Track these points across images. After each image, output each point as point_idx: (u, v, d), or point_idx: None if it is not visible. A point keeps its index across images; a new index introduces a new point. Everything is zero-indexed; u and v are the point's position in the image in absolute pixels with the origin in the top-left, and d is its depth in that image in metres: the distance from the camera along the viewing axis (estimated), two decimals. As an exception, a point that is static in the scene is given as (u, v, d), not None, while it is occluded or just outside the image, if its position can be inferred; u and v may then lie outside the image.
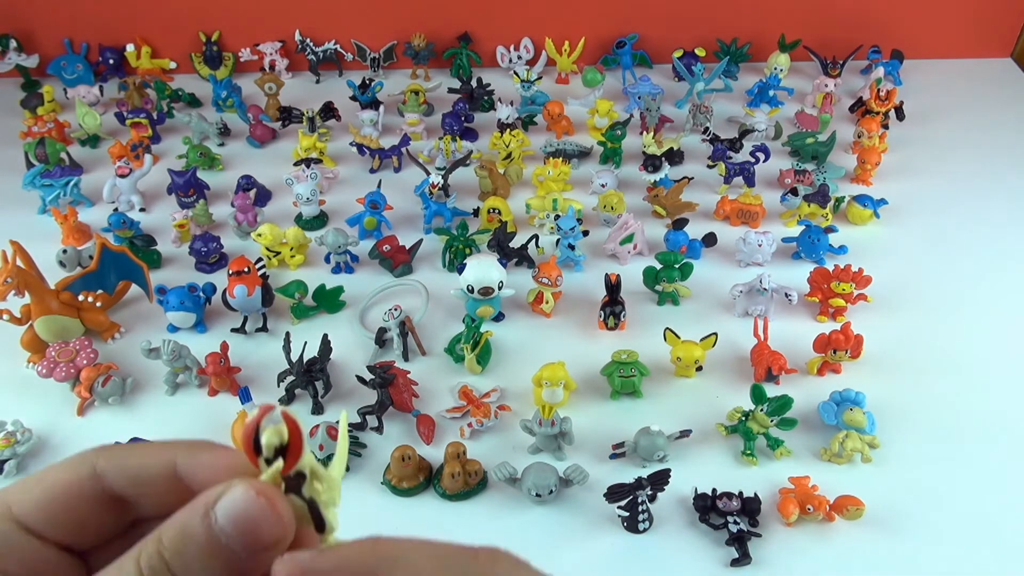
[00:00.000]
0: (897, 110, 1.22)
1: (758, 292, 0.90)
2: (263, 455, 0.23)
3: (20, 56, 1.31)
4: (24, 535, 0.23)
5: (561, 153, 1.15)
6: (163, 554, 0.22)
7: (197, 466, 0.24)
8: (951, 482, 0.76)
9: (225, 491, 0.22)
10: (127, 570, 0.21)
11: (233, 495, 0.22)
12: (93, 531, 0.24)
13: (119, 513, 0.25)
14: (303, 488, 0.24)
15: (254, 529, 0.22)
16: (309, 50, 1.33)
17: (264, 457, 0.23)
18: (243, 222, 1.03)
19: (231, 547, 0.22)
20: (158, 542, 0.22)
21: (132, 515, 0.26)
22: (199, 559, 0.22)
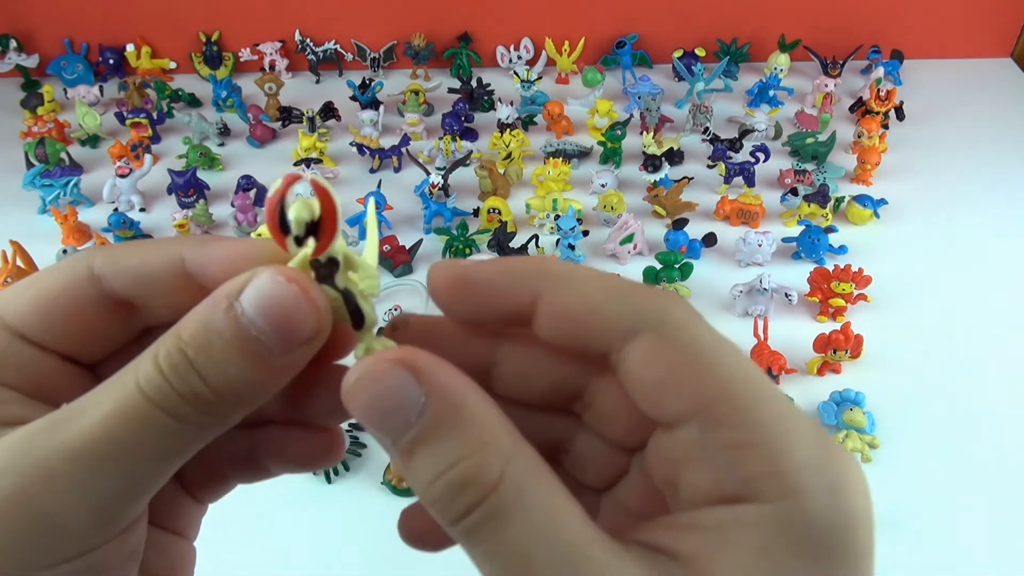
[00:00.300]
0: (897, 110, 1.22)
1: (758, 292, 0.90)
2: (291, 233, 0.20)
3: (20, 56, 1.31)
4: (20, 342, 0.21)
5: (561, 153, 1.15)
6: (185, 351, 0.19)
7: (209, 259, 0.21)
8: (951, 482, 0.76)
9: (250, 279, 0.19)
10: (145, 370, 0.19)
11: (259, 282, 0.19)
12: (98, 339, 0.22)
13: (125, 318, 0.22)
14: (336, 277, 0.21)
15: (287, 319, 0.19)
16: (309, 50, 1.33)
17: (293, 235, 0.20)
18: (243, 222, 1.03)
19: (262, 340, 0.19)
20: (177, 338, 0.19)
21: (141, 322, 0.23)
22: (227, 355, 0.19)
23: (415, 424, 0.19)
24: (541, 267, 0.21)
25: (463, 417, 0.19)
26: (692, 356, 0.19)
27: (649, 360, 0.19)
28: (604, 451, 0.23)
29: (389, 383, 0.19)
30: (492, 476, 0.18)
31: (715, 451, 0.19)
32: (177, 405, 0.19)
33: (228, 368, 0.19)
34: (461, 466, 0.18)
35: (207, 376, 0.19)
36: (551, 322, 0.21)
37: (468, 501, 0.18)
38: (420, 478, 0.19)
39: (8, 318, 0.21)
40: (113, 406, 0.19)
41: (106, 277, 0.22)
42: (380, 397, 0.19)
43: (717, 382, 0.19)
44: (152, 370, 0.19)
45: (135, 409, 0.19)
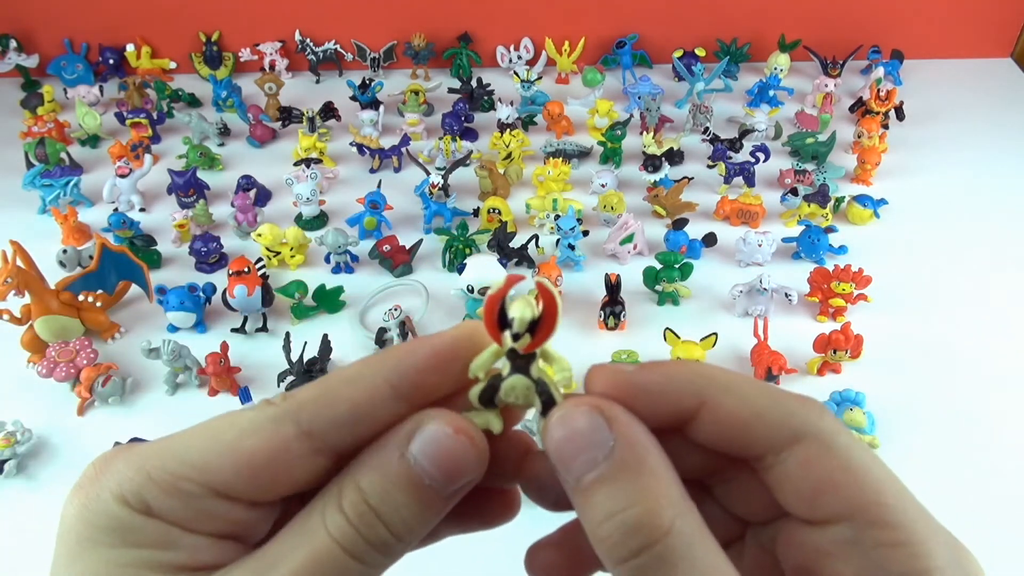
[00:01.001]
0: (897, 110, 1.22)
1: (758, 292, 0.90)
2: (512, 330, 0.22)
3: (20, 56, 1.31)
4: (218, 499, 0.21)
5: (561, 153, 1.15)
6: (368, 501, 0.21)
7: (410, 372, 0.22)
8: (951, 482, 0.76)
9: (417, 428, 0.22)
10: (334, 520, 0.21)
11: (428, 433, 0.21)
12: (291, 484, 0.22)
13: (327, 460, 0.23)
14: (531, 368, 0.22)
15: (455, 466, 0.21)
16: (309, 50, 1.33)
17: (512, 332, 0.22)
18: (243, 222, 1.03)
19: (433, 486, 0.21)
20: (358, 490, 0.21)
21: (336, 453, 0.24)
22: (404, 501, 0.21)
23: (601, 464, 0.20)
24: (706, 374, 0.23)
25: (645, 466, 0.21)
26: (848, 463, 0.22)
27: (811, 465, 0.22)
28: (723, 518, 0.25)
29: (585, 424, 0.21)
30: (664, 524, 0.20)
31: (868, 549, 0.21)
32: (365, 552, 0.21)
33: (406, 513, 0.21)
34: (637, 509, 0.20)
35: (390, 523, 0.21)
36: (714, 427, 0.23)
37: (640, 543, 0.20)
38: (595, 515, 0.20)
39: (213, 480, 0.21)
40: (310, 554, 0.20)
41: (317, 434, 0.22)
42: (575, 434, 0.21)
43: (872, 488, 0.21)
44: (342, 520, 0.21)
45: (330, 557, 0.21)
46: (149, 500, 0.21)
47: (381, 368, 0.23)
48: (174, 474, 0.21)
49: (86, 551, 0.21)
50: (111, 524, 0.21)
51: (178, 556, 0.21)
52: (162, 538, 0.21)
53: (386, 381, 0.22)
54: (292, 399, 0.22)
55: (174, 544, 0.21)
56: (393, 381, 0.22)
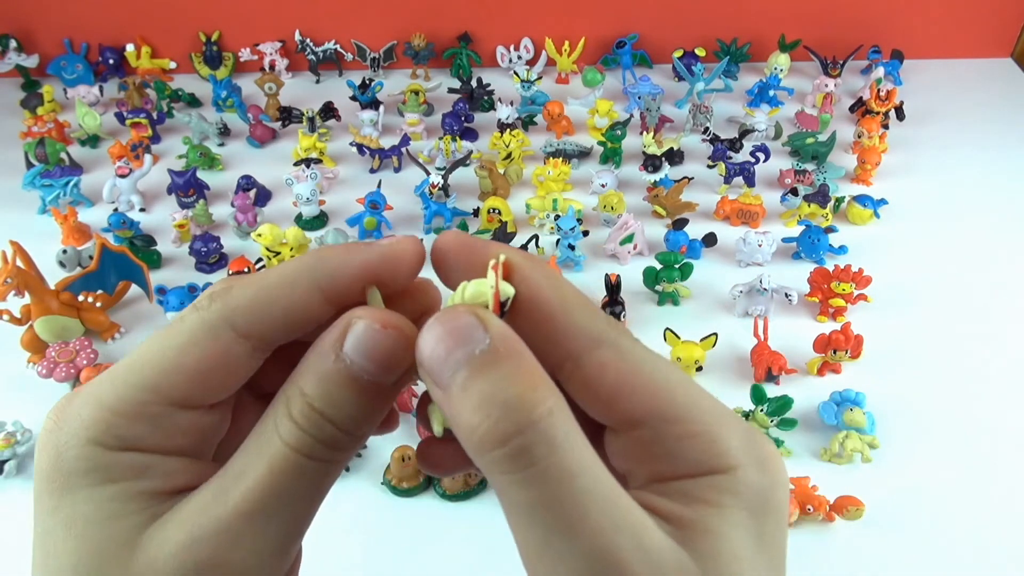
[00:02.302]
0: (897, 110, 1.22)
1: (758, 292, 0.90)
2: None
3: (20, 56, 1.31)
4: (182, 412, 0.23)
5: (561, 153, 1.15)
6: (313, 405, 0.22)
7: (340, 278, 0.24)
8: (951, 482, 0.76)
9: (347, 329, 0.22)
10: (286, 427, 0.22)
11: (357, 331, 0.22)
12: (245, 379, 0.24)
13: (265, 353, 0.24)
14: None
15: (389, 358, 0.22)
16: (309, 50, 1.33)
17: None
18: (243, 222, 1.03)
19: (372, 380, 0.22)
20: (303, 395, 0.22)
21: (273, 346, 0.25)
22: (347, 398, 0.22)
23: (476, 357, 0.21)
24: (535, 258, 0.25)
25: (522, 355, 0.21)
26: (640, 367, 0.23)
27: (606, 369, 0.23)
28: None
29: (461, 322, 0.21)
30: (545, 403, 0.20)
31: (669, 445, 0.22)
32: (320, 451, 0.22)
33: (350, 409, 0.22)
34: (515, 389, 0.20)
35: (336, 422, 0.22)
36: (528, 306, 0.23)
37: (517, 423, 0.20)
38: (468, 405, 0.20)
39: (171, 393, 0.23)
40: (269, 462, 0.22)
41: (254, 336, 0.23)
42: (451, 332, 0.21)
43: (664, 388, 0.23)
44: (292, 427, 0.22)
45: (288, 462, 0.22)
46: (118, 432, 0.22)
47: (313, 274, 0.23)
48: (134, 400, 0.22)
49: (65, 497, 0.22)
50: (85, 466, 0.22)
51: (154, 483, 0.22)
52: (136, 468, 0.22)
53: (319, 287, 0.23)
54: (226, 302, 0.23)
55: (148, 471, 0.22)
56: (325, 287, 0.24)
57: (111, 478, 0.22)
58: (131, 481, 0.22)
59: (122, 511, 0.22)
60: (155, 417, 0.22)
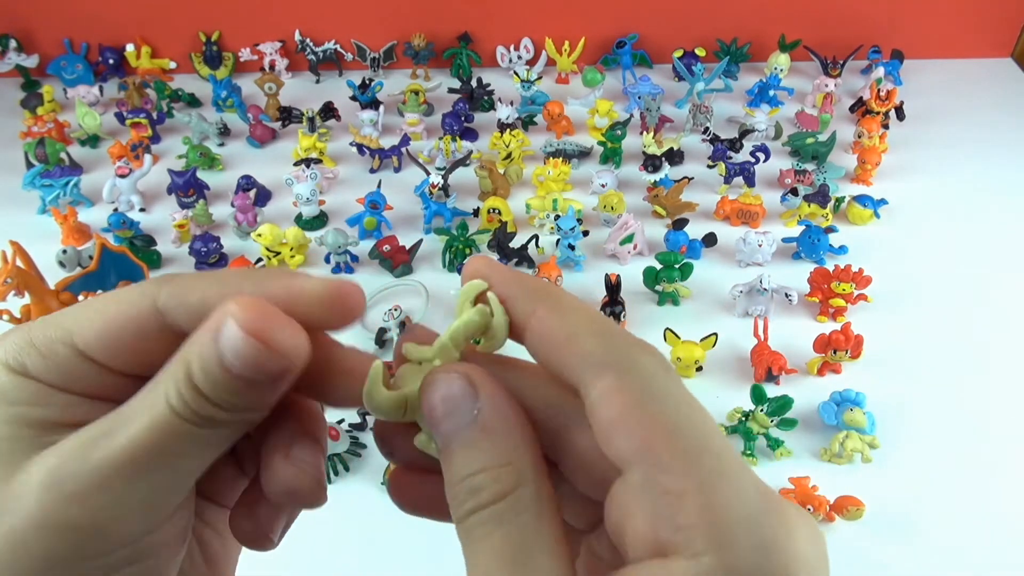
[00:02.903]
0: (897, 110, 1.22)
1: (758, 292, 0.90)
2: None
3: (20, 56, 1.31)
4: (87, 362, 0.24)
5: (561, 153, 1.15)
6: (194, 378, 0.22)
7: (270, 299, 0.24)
8: (951, 482, 0.76)
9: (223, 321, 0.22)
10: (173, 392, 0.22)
11: (227, 331, 0.22)
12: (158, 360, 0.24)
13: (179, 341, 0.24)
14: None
15: (256, 366, 0.22)
16: (309, 50, 1.33)
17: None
18: (243, 222, 1.03)
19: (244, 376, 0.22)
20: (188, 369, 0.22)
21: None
22: (224, 383, 0.22)
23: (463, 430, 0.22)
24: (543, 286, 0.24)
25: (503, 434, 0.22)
26: (646, 400, 0.20)
27: (607, 397, 0.20)
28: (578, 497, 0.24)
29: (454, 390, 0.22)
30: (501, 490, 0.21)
31: (655, 496, 0.19)
32: (199, 421, 0.23)
33: (225, 394, 0.22)
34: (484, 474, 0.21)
35: (217, 400, 0.22)
36: (536, 340, 0.23)
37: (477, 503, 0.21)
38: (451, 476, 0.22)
39: (78, 341, 0.24)
40: (151, 420, 0.22)
41: (168, 312, 0.24)
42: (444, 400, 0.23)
43: (664, 428, 0.20)
44: (177, 394, 0.22)
45: (168, 423, 0.22)
46: (26, 362, 0.23)
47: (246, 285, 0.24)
48: (50, 338, 0.24)
49: None
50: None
51: (49, 412, 0.23)
52: (35, 397, 0.23)
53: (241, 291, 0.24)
54: (165, 281, 0.24)
55: (46, 402, 0.23)
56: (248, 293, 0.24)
57: (10, 400, 0.23)
58: (28, 407, 0.23)
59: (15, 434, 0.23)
60: (60, 358, 0.23)
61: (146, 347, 0.24)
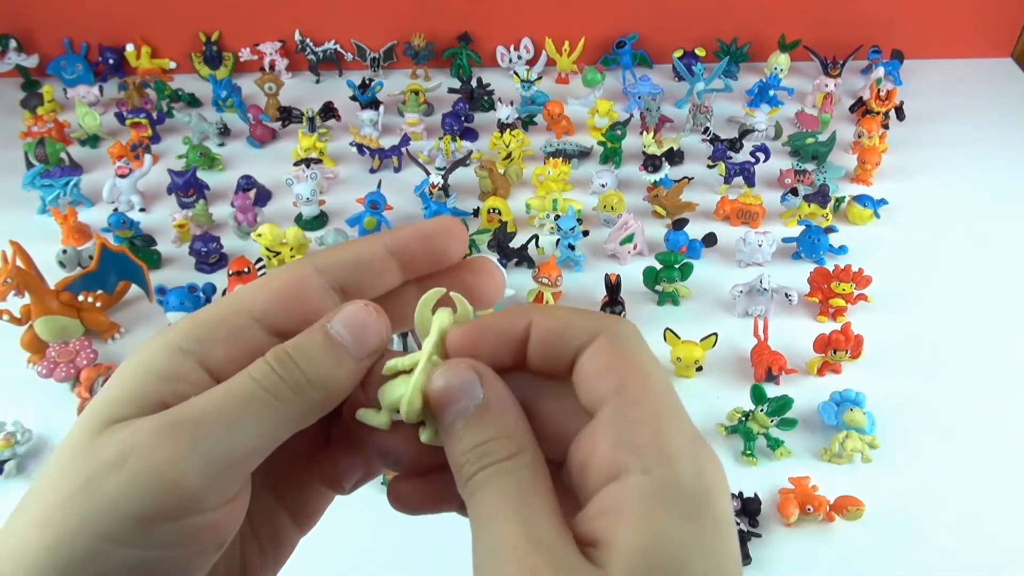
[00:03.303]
0: (897, 110, 1.22)
1: (758, 292, 0.90)
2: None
3: (20, 56, 1.31)
4: (260, 330, 0.26)
5: (561, 153, 1.15)
6: (288, 351, 0.26)
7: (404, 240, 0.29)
8: (951, 482, 0.76)
9: (339, 310, 0.27)
10: (257, 366, 0.25)
11: (345, 309, 0.27)
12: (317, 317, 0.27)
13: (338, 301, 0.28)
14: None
15: (364, 331, 0.26)
16: (309, 50, 1.33)
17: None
18: (243, 222, 1.03)
19: (344, 345, 0.26)
20: (282, 347, 0.26)
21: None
22: (319, 355, 0.26)
23: (472, 411, 0.26)
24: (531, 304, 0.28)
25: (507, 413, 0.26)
26: (626, 353, 0.26)
27: (597, 353, 0.26)
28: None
29: (464, 378, 0.26)
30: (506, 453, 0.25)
31: (620, 425, 0.24)
32: (279, 387, 0.25)
33: (319, 364, 0.26)
34: (493, 441, 0.25)
35: (304, 368, 0.25)
36: (539, 337, 0.27)
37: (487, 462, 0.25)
38: (461, 448, 0.25)
39: (253, 307, 0.27)
40: (229, 388, 0.25)
41: (328, 271, 0.28)
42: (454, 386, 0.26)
43: (637, 373, 0.25)
44: (263, 366, 0.25)
45: (244, 389, 0.25)
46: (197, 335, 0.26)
47: (383, 236, 0.29)
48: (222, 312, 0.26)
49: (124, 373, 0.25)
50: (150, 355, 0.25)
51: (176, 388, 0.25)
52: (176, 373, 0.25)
53: (383, 243, 0.28)
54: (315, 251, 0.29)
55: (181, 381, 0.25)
56: (389, 243, 0.28)
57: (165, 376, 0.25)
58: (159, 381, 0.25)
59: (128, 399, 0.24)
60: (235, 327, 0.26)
61: (311, 305, 0.27)
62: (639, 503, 0.22)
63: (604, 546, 0.22)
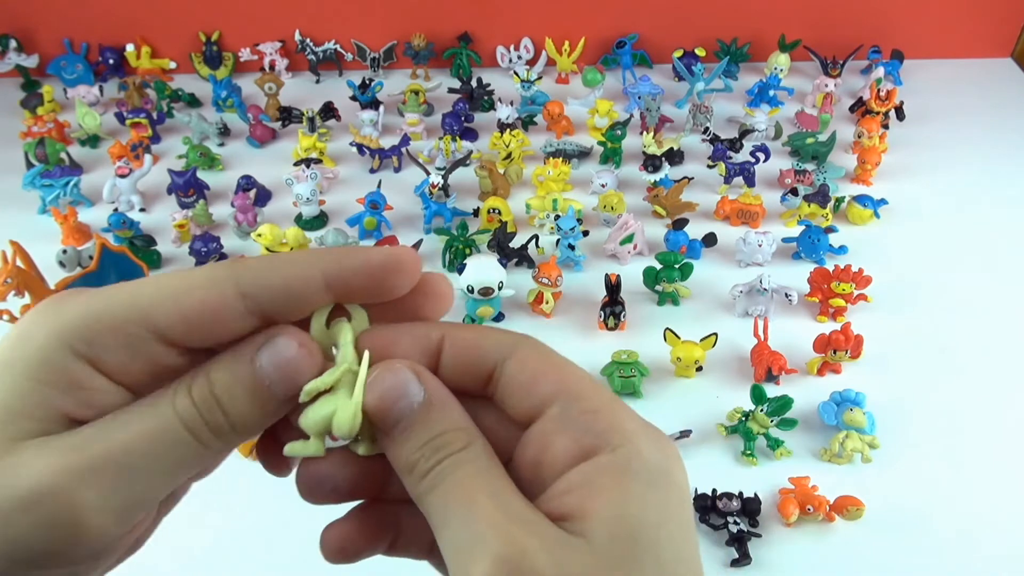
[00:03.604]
0: (897, 110, 1.22)
1: (758, 292, 0.90)
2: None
3: (20, 56, 1.31)
4: (159, 344, 0.25)
5: (561, 153, 1.15)
6: (214, 391, 0.24)
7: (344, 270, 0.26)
8: (951, 482, 0.76)
9: (269, 339, 0.25)
10: (183, 402, 0.24)
11: (276, 343, 0.25)
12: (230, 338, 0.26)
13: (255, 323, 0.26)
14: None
15: (293, 375, 0.25)
16: (309, 50, 1.33)
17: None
18: (243, 222, 1.03)
19: (271, 388, 0.25)
20: (208, 380, 0.25)
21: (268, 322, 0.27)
22: (244, 397, 0.25)
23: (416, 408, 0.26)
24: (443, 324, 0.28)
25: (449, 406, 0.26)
26: (554, 359, 0.27)
27: (525, 363, 0.27)
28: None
29: (403, 378, 0.26)
30: (460, 444, 0.25)
31: (575, 417, 0.25)
32: (202, 431, 0.24)
33: (245, 412, 0.25)
34: (443, 436, 0.25)
35: (230, 413, 0.25)
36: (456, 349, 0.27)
37: (439, 457, 0.25)
38: (410, 447, 0.25)
39: (158, 323, 0.24)
40: (154, 424, 0.24)
41: (252, 296, 0.25)
42: (395, 386, 0.26)
43: (572, 374, 0.27)
44: (188, 402, 0.24)
45: (170, 428, 0.24)
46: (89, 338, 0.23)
47: (320, 260, 0.26)
48: (125, 320, 0.24)
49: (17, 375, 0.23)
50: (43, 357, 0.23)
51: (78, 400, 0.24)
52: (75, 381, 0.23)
53: (321, 272, 0.26)
54: (240, 264, 0.25)
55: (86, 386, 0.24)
56: (328, 273, 0.26)
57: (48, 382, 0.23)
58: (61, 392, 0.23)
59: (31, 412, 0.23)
60: (134, 339, 0.24)
61: (224, 328, 0.25)
62: (611, 476, 0.24)
63: (579, 517, 0.23)
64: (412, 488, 0.25)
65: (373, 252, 0.26)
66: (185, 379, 0.25)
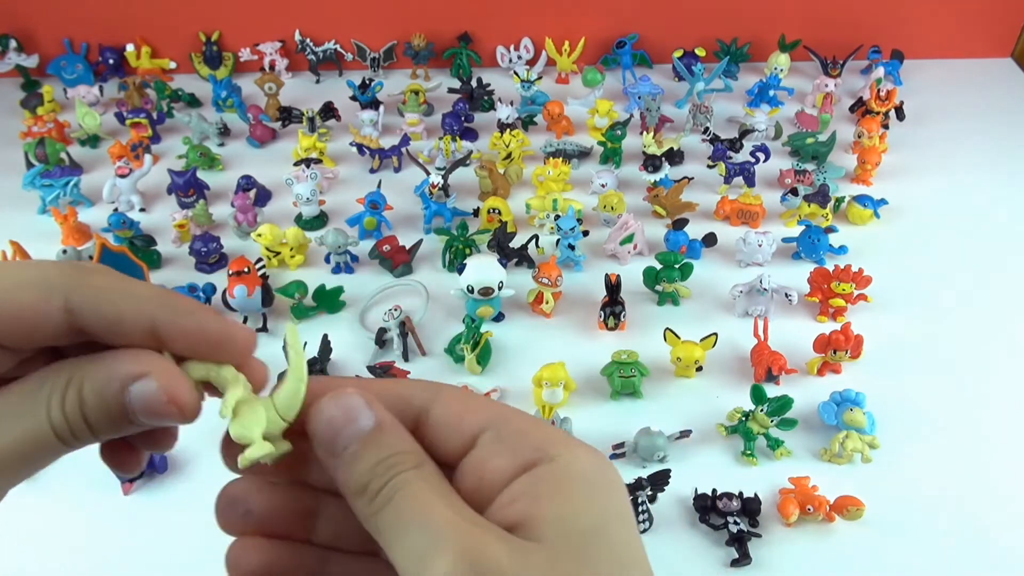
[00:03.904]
0: (897, 110, 1.22)
1: (758, 292, 0.90)
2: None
3: (20, 56, 1.31)
4: None
5: (561, 153, 1.15)
6: (84, 409, 0.25)
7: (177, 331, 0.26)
8: (951, 482, 0.76)
9: (144, 375, 0.25)
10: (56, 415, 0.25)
11: (147, 387, 0.25)
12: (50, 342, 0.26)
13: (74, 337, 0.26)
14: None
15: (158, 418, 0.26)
16: (309, 50, 1.33)
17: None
18: (243, 222, 1.03)
19: (135, 422, 0.26)
20: (79, 395, 0.25)
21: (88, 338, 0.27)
22: (112, 423, 0.26)
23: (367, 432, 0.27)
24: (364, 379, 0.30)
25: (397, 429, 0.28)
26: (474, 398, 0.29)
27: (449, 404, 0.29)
28: None
29: (355, 402, 0.27)
30: (412, 463, 0.27)
31: (508, 437, 0.27)
32: (69, 439, 0.26)
33: (109, 429, 0.26)
34: (395, 456, 0.27)
35: (95, 429, 0.26)
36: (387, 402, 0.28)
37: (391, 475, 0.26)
38: (360, 469, 0.26)
39: None
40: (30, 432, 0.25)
41: (77, 315, 0.25)
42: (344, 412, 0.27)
43: (495, 406, 0.29)
44: (61, 416, 0.25)
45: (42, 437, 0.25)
46: None
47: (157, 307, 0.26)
48: None
49: None
50: None
51: None
52: None
53: (152, 320, 0.26)
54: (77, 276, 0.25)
55: None
56: (158, 323, 0.26)
57: None
58: None
59: None
60: None
61: (41, 336, 0.25)
62: (553, 483, 0.26)
63: (528, 524, 0.25)
64: (363, 509, 0.26)
65: (212, 322, 0.27)
66: (58, 383, 0.25)
